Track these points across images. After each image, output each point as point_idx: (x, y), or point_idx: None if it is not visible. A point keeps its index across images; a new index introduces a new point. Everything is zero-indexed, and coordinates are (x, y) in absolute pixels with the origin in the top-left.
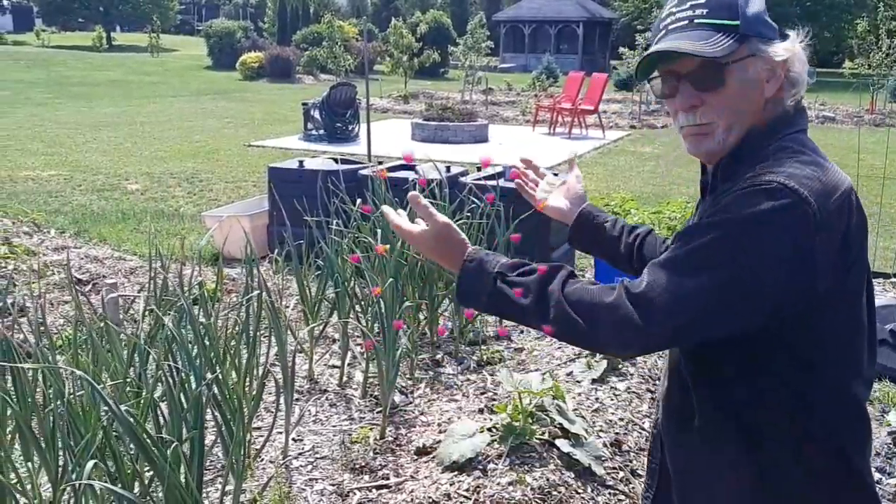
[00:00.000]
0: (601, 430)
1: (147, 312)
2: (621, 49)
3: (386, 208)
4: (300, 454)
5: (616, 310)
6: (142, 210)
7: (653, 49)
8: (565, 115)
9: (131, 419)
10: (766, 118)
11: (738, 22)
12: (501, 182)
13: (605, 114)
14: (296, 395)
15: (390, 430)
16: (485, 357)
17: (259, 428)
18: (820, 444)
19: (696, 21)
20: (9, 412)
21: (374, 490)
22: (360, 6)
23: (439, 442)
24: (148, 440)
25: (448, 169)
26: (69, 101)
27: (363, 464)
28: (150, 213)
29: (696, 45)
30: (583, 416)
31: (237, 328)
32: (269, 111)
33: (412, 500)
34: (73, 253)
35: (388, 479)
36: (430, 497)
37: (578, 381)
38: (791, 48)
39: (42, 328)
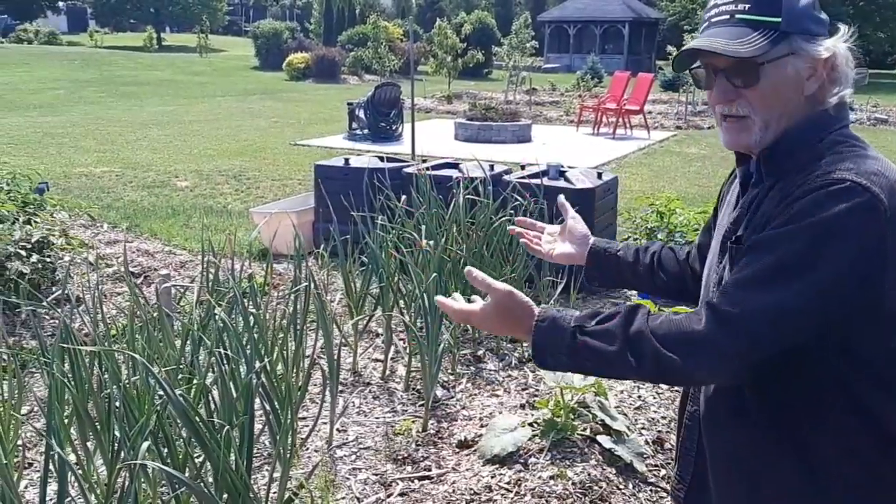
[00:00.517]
0: (643, 428)
1: (199, 303)
2: (669, 48)
3: (440, 298)
4: (344, 444)
5: (708, 335)
6: (191, 206)
7: (687, 46)
8: (610, 115)
9: (185, 403)
10: (806, 115)
11: (779, 19)
12: (544, 181)
13: (650, 114)
14: (340, 387)
15: (432, 424)
16: (526, 354)
17: (304, 418)
18: (875, 436)
19: (736, 16)
20: (66, 396)
21: (416, 481)
22: (404, 7)
23: (480, 436)
24: (201, 424)
25: (492, 168)
26: (120, 100)
27: (405, 455)
28: (199, 209)
29: (728, 45)
30: (625, 414)
31: (285, 321)
32: (315, 111)
33: (454, 491)
34: (126, 247)
35: (430, 470)
36: (471, 489)
37: None
38: (832, 47)
39: (99, 317)
